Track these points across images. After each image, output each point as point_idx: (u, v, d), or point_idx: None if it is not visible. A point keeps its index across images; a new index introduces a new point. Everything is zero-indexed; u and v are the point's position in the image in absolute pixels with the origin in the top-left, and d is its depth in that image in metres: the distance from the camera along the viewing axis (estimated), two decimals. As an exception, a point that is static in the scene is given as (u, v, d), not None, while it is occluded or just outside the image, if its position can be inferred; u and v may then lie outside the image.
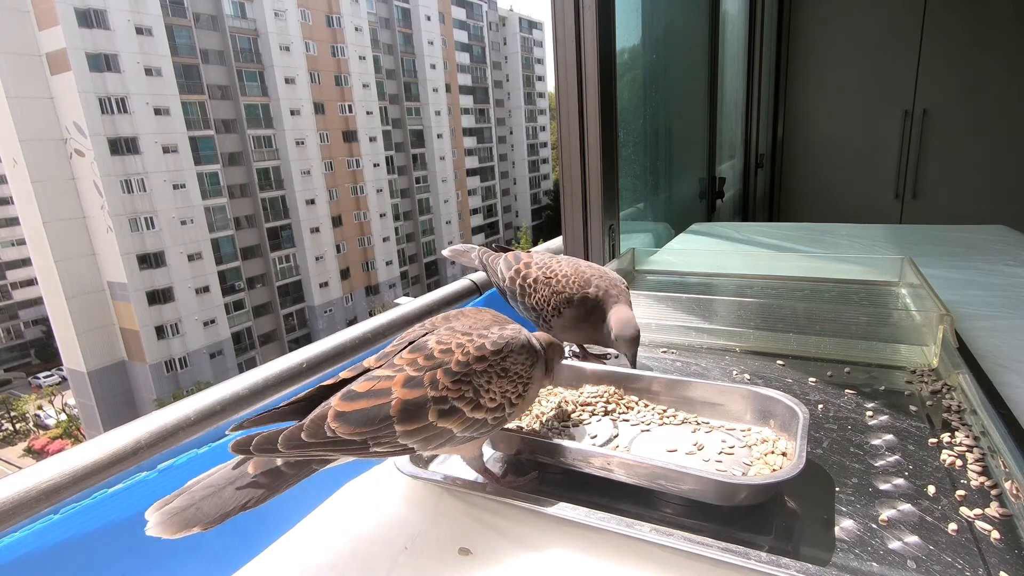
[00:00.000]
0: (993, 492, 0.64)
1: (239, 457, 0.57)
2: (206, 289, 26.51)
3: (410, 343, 0.67)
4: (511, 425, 0.79)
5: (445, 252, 1.19)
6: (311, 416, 0.59)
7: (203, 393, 0.85)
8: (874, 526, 0.60)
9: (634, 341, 0.92)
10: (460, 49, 40.70)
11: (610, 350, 1.13)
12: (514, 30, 45.91)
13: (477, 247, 1.16)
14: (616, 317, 0.93)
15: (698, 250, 2.02)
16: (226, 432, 0.58)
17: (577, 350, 1.07)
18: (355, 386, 0.62)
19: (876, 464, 0.70)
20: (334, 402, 0.60)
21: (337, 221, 32.01)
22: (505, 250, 1.12)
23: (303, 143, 29.88)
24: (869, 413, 0.83)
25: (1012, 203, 3.46)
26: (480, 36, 42.54)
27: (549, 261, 1.03)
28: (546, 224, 47.89)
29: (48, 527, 0.64)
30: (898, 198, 3.79)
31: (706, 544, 0.56)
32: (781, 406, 0.74)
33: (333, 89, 31.53)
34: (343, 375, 0.66)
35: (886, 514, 0.61)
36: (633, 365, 0.92)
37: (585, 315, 0.96)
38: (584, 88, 1.50)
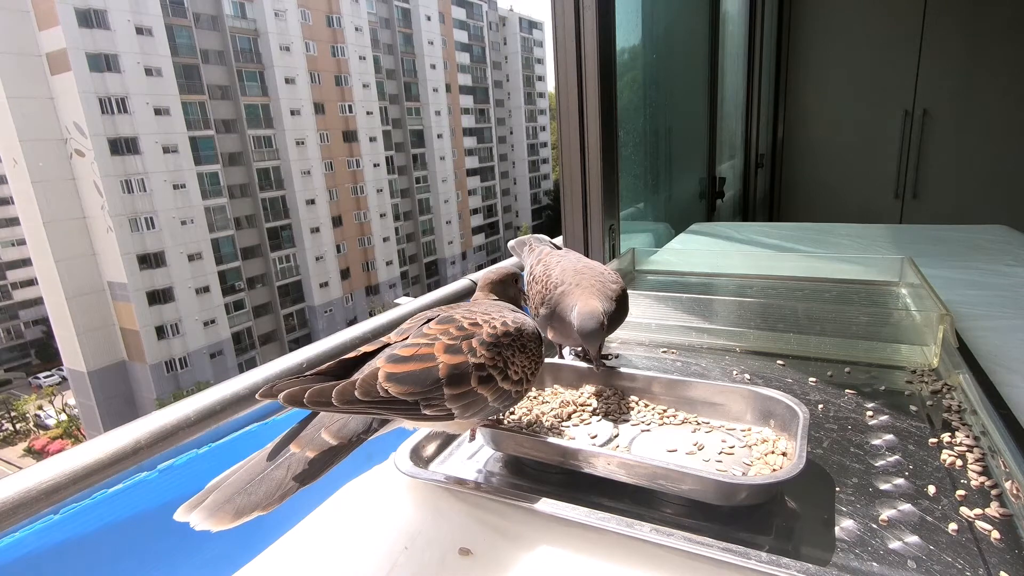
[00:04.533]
0: (993, 492, 0.64)
1: (274, 445, 0.57)
2: (206, 289, 26.51)
3: (429, 320, 0.69)
4: (511, 424, 0.79)
5: (511, 243, 1.21)
6: (361, 376, 0.59)
7: (203, 393, 0.85)
8: (874, 526, 0.60)
9: (593, 335, 0.82)
10: (460, 49, 40.69)
11: (612, 350, 1.13)
12: (514, 30, 45.90)
13: (533, 241, 1.14)
14: (578, 309, 0.85)
15: (698, 250, 2.02)
16: (256, 396, 0.57)
17: (579, 351, 1.07)
18: (398, 350, 0.63)
19: (876, 464, 0.70)
20: (381, 364, 0.61)
21: (337, 221, 32.00)
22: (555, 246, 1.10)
23: (303, 143, 29.87)
24: (869, 413, 0.83)
25: (1012, 203, 3.46)
26: (480, 36, 42.53)
27: (550, 260, 1.01)
28: (546, 224, 47.87)
29: (48, 527, 0.64)
30: (898, 198, 3.79)
31: (706, 544, 0.56)
32: (781, 406, 0.74)
33: (333, 89, 31.52)
34: (364, 349, 0.66)
35: (886, 514, 0.61)
36: (596, 364, 0.85)
37: (549, 315, 0.92)
38: (584, 88, 1.50)
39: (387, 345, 0.67)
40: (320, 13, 31.02)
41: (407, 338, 0.66)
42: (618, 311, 0.89)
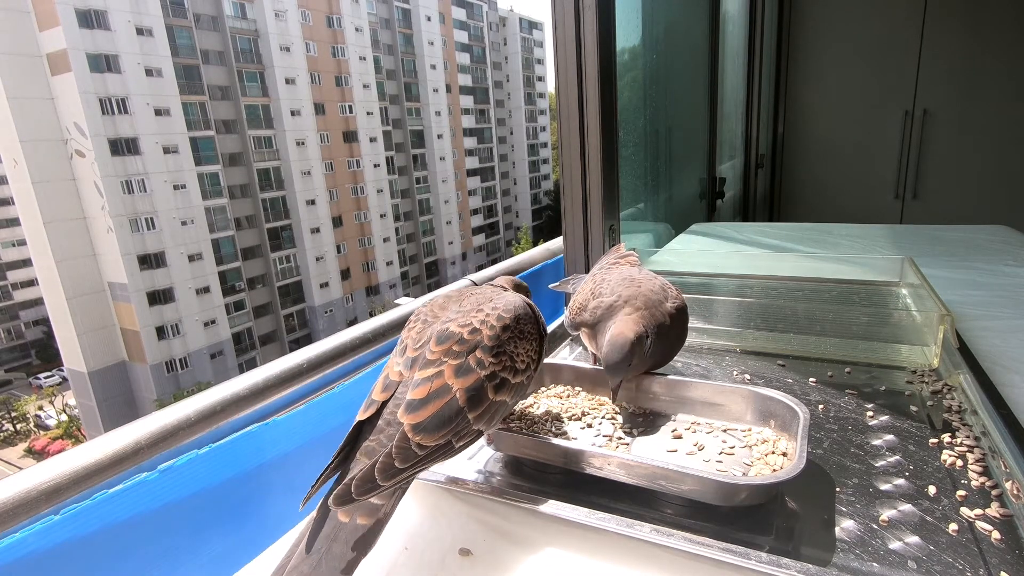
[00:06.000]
0: (994, 492, 0.64)
1: (318, 513, 0.56)
2: (207, 289, 26.52)
3: (428, 337, 0.67)
4: (511, 424, 0.79)
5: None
6: (394, 444, 0.57)
7: (203, 394, 0.85)
8: (875, 526, 0.60)
9: (616, 368, 0.76)
10: (460, 49, 40.71)
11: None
12: (514, 30, 45.92)
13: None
14: (611, 334, 0.78)
15: (698, 250, 2.02)
16: (299, 509, 0.57)
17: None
18: (412, 395, 0.61)
19: (877, 464, 0.70)
20: (403, 419, 0.59)
21: (337, 221, 32.02)
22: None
23: (303, 143, 29.89)
24: (870, 413, 0.83)
25: (1012, 203, 3.46)
26: (480, 36, 42.54)
27: (609, 272, 0.94)
28: (546, 224, 47.88)
29: (48, 528, 0.64)
30: (898, 198, 3.79)
31: (706, 544, 0.56)
32: (781, 406, 0.74)
33: (333, 89, 31.54)
34: (376, 396, 0.63)
35: (887, 514, 0.61)
36: (612, 397, 0.79)
37: (591, 325, 0.87)
38: (584, 88, 1.50)
39: (398, 384, 0.64)
40: (320, 13, 31.04)
41: (414, 370, 0.64)
42: (669, 339, 0.83)
